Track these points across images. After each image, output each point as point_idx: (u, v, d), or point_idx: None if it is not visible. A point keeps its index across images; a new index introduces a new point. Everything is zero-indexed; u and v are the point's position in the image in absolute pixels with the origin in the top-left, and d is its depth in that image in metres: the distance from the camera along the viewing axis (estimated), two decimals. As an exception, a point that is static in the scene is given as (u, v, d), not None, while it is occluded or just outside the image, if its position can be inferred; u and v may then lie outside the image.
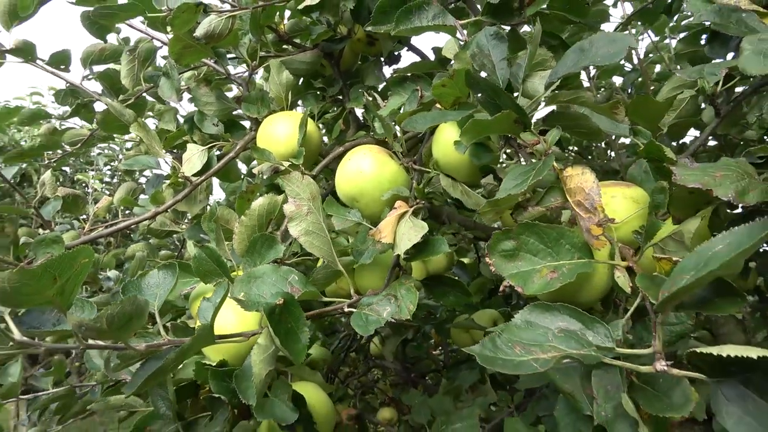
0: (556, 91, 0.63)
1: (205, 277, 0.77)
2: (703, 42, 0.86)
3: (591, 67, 1.81)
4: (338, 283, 0.90)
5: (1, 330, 0.45)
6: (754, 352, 0.31)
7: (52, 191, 1.05)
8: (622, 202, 0.60)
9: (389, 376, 2.08)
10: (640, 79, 1.63)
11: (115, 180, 4.28)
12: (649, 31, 1.54)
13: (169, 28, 0.89)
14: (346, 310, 0.66)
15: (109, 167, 4.28)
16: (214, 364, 0.72)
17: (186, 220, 1.35)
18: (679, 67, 0.93)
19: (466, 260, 1.82)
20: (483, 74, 0.69)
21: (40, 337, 0.49)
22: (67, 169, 4.36)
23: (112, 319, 0.43)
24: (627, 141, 1.49)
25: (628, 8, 1.73)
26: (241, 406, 0.73)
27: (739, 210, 0.70)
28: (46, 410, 1.45)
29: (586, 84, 1.75)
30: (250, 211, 0.77)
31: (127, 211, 1.49)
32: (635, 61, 1.70)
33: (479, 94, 0.60)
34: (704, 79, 0.61)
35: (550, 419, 1.12)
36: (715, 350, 0.33)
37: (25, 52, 1.19)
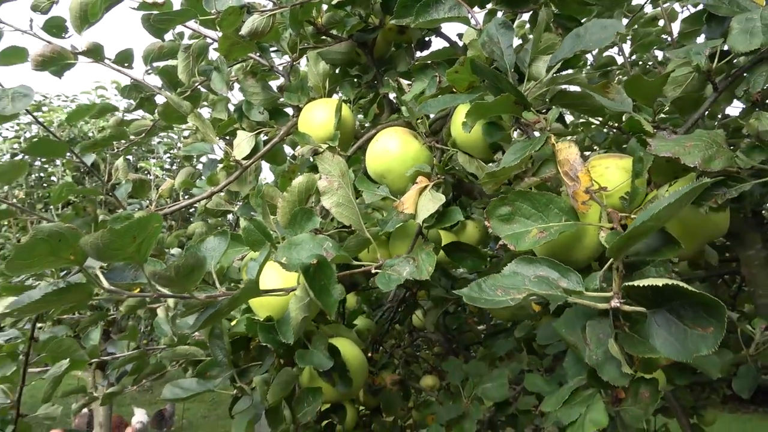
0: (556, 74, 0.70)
1: (253, 245, 0.89)
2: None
3: (626, 46, 1.83)
4: (371, 252, 1.00)
5: (94, 278, 0.57)
6: (661, 282, 0.38)
7: (124, 175, 1.19)
8: (615, 172, 0.67)
9: (432, 347, 2.18)
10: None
11: (174, 166, 4.54)
12: (676, 5, 1.54)
13: (218, 28, 1.01)
14: (373, 271, 0.76)
15: (168, 155, 4.54)
16: (262, 320, 0.84)
17: (238, 200, 1.49)
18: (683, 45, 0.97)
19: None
20: (494, 60, 0.77)
21: (122, 288, 0.61)
22: (130, 157, 4.66)
23: (179, 269, 0.55)
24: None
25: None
26: (285, 355, 0.85)
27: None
28: (121, 372, 1.63)
29: (620, 60, 1.77)
30: (291, 188, 0.88)
31: (186, 195, 1.63)
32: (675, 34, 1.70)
33: (484, 80, 0.68)
34: (690, 58, 0.66)
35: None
36: (639, 282, 0.41)
37: (95, 53, 1.34)
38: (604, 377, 0.61)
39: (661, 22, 1.69)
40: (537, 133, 0.71)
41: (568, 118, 2.03)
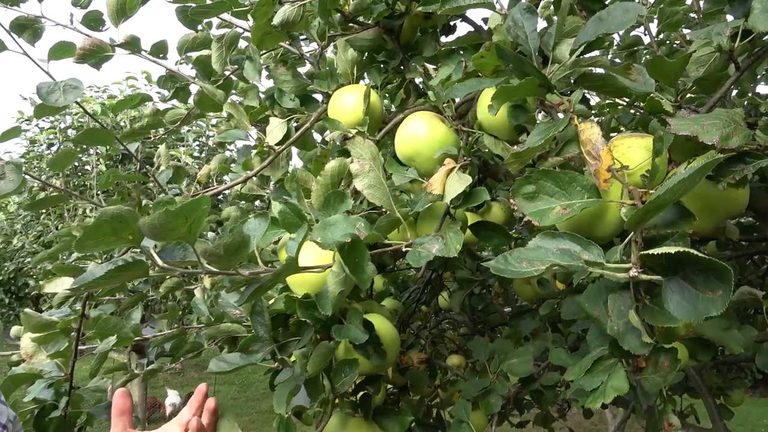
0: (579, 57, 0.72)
1: (289, 227, 0.93)
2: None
3: (653, 25, 1.82)
4: (400, 233, 1.04)
5: (151, 257, 0.63)
6: (674, 249, 0.41)
7: (166, 162, 1.25)
8: (636, 151, 0.70)
9: (458, 328, 2.23)
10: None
11: (203, 154, 4.64)
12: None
13: (250, 19, 1.05)
14: (404, 249, 0.80)
15: (197, 143, 4.64)
16: (300, 297, 0.89)
17: (270, 185, 1.54)
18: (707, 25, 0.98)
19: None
20: (519, 44, 0.80)
21: (174, 266, 0.66)
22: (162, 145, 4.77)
23: (227, 246, 0.60)
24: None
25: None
26: (322, 330, 0.90)
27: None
28: (159, 351, 1.71)
29: (647, 40, 1.76)
30: (324, 172, 0.92)
31: (217, 181, 1.69)
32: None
33: (509, 64, 0.71)
34: (712, 39, 0.68)
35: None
36: (655, 250, 0.44)
37: (133, 44, 1.40)
38: (625, 347, 0.64)
39: (689, 1, 1.68)
40: (561, 115, 0.74)
41: (594, 99, 2.03)
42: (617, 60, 1.72)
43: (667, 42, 1.96)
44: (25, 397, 1.12)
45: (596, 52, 0.83)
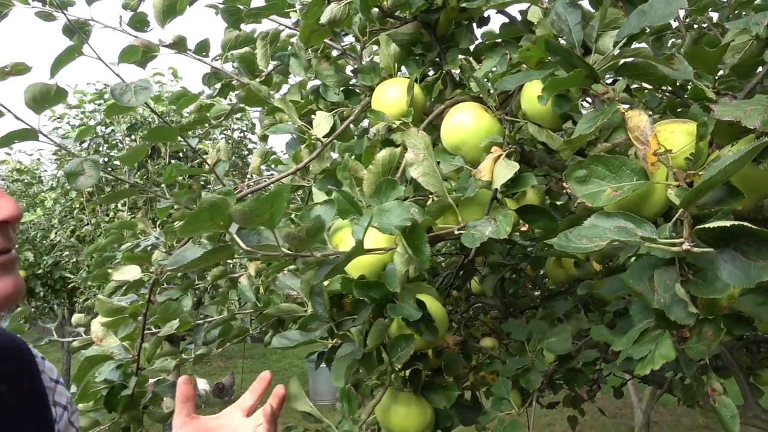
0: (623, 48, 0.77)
1: (342, 213, 1.00)
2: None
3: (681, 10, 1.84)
4: (446, 218, 1.10)
5: (235, 241, 0.69)
6: (729, 223, 0.46)
7: (225, 156, 1.33)
8: (679, 136, 0.74)
9: (490, 311, 2.28)
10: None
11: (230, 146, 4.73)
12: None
13: (297, 18, 1.11)
14: (456, 232, 0.86)
15: (222, 136, 4.73)
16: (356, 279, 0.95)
17: (310, 177, 1.60)
18: (744, 13, 1.01)
19: (559, 202, 1.95)
20: (562, 37, 0.84)
21: (255, 248, 0.73)
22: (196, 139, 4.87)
23: (308, 230, 0.66)
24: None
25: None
26: (378, 308, 0.96)
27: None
28: (208, 335, 1.80)
29: (675, 24, 1.78)
30: (375, 161, 0.98)
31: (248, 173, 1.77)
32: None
33: (556, 56, 0.76)
34: (749, 27, 0.72)
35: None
36: (711, 224, 0.49)
37: (180, 44, 1.47)
38: (672, 317, 0.70)
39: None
40: (604, 104, 0.78)
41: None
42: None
43: (695, 26, 1.97)
44: (96, 378, 1.20)
45: (636, 44, 0.88)
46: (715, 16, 2.01)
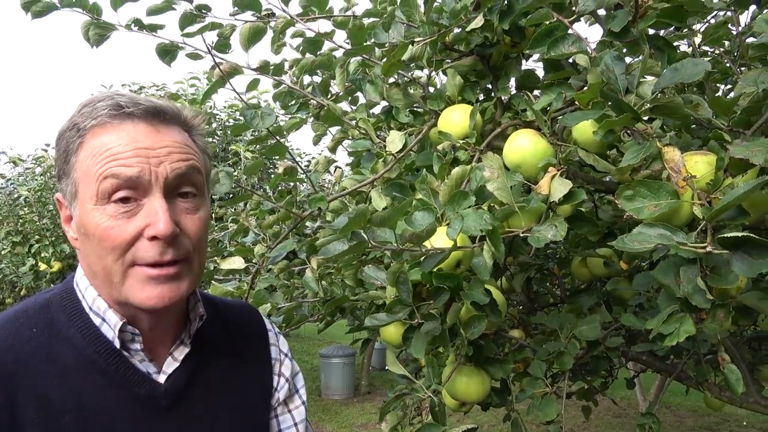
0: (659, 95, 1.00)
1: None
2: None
3: (695, 38, 2.07)
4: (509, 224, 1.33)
5: (366, 237, 0.93)
6: (740, 234, 0.69)
7: (323, 168, 1.56)
8: (702, 165, 0.98)
9: (516, 306, 2.51)
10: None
11: (257, 146, 4.97)
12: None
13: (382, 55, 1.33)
14: (522, 234, 1.10)
15: (251, 135, 4.98)
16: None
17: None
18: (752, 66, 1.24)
19: (583, 209, 2.18)
20: (609, 83, 1.07)
21: (378, 244, 0.96)
22: (216, 140, 5.12)
23: (423, 231, 0.89)
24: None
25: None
26: (452, 294, 1.19)
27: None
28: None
29: (686, 48, 2.01)
30: (450, 176, 1.22)
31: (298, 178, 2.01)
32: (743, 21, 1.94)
33: (609, 102, 0.99)
34: (757, 85, 0.95)
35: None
36: (728, 234, 0.72)
37: (264, 68, 1.71)
38: (693, 303, 0.93)
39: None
40: (644, 138, 1.01)
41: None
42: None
43: (709, 53, 2.19)
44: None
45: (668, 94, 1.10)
46: (728, 43, 2.25)
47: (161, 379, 0.85)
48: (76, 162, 0.79)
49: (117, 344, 0.82)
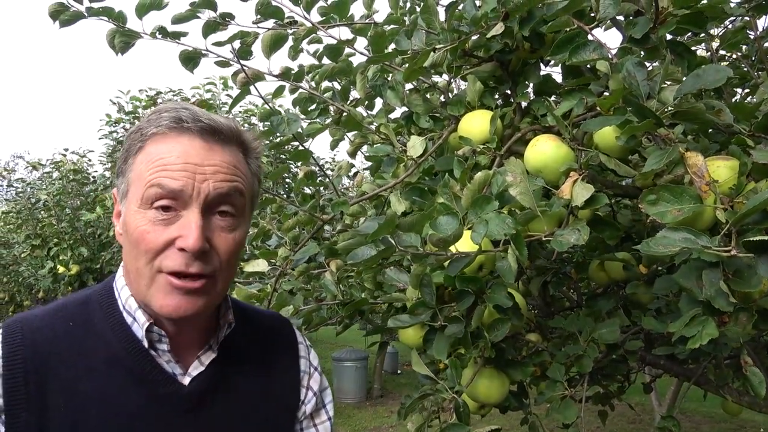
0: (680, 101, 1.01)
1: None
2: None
3: (713, 43, 2.07)
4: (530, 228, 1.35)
5: (394, 244, 0.95)
6: (764, 237, 0.71)
7: (345, 172, 1.59)
8: (723, 170, 0.99)
9: (533, 309, 2.52)
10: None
11: (271, 151, 5.02)
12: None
13: (402, 62, 1.36)
14: (544, 238, 1.11)
15: (267, 142, 5.03)
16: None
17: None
18: None
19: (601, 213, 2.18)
20: (631, 88, 1.09)
21: (405, 248, 0.98)
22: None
23: (455, 234, 0.91)
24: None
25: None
26: (476, 297, 1.21)
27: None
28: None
29: (704, 52, 2.02)
30: (473, 181, 1.23)
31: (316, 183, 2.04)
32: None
33: (630, 108, 1.01)
34: (779, 91, 0.96)
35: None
36: (754, 238, 0.73)
37: (286, 75, 1.74)
38: (716, 306, 0.94)
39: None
40: (666, 144, 1.03)
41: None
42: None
43: (726, 58, 2.20)
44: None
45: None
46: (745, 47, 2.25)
47: (186, 381, 0.88)
48: (133, 164, 0.83)
49: (145, 343, 0.85)
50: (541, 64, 1.64)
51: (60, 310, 0.87)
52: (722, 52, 2.23)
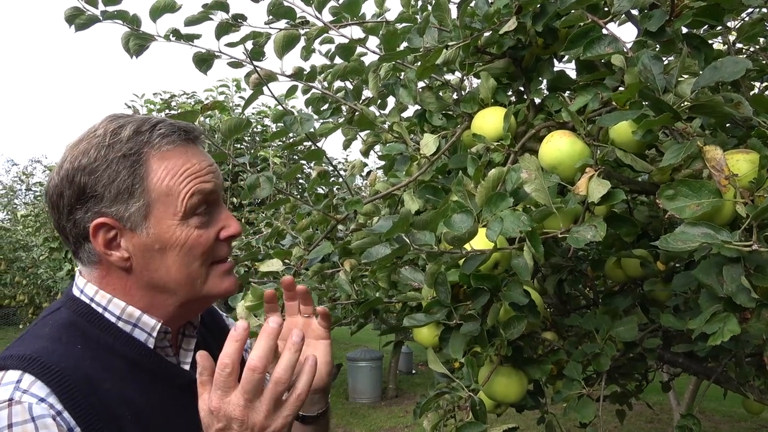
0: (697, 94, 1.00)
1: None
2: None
3: (730, 36, 2.04)
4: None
5: (408, 242, 0.94)
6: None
7: (359, 171, 1.59)
8: (743, 164, 0.97)
9: (548, 308, 2.50)
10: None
11: (286, 152, 5.04)
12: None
13: (415, 59, 1.35)
14: (560, 235, 1.10)
15: (280, 142, 5.04)
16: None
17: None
18: None
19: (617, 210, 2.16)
20: (647, 82, 1.07)
21: (419, 246, 0.98)
22: (245, 146, 5.20)
23: (465, 233, 0.91)
24: None
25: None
26: (491, 295, 1.20)
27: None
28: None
29: (720, 45, 1.99)
30: (487, 178, 1.23)
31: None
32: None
33: (647, 102, 0.99)
34: (801, 83, 0.94)
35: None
36: (775, 232, 0.72)
37: (298, 75, 1.74)
38: (738, 302, 0.92)
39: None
40: (684, 138, 1.01)
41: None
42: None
43: (744, 51, 2.16)
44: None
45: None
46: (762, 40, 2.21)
47: (186, 368, 0.97)
48: (147, 185, 0.85)
49: (151, 345, 0.91)
50: (555, 60, 1.62)
51: (60, 337, 0.85)
52: (739, 45, 2.19)
